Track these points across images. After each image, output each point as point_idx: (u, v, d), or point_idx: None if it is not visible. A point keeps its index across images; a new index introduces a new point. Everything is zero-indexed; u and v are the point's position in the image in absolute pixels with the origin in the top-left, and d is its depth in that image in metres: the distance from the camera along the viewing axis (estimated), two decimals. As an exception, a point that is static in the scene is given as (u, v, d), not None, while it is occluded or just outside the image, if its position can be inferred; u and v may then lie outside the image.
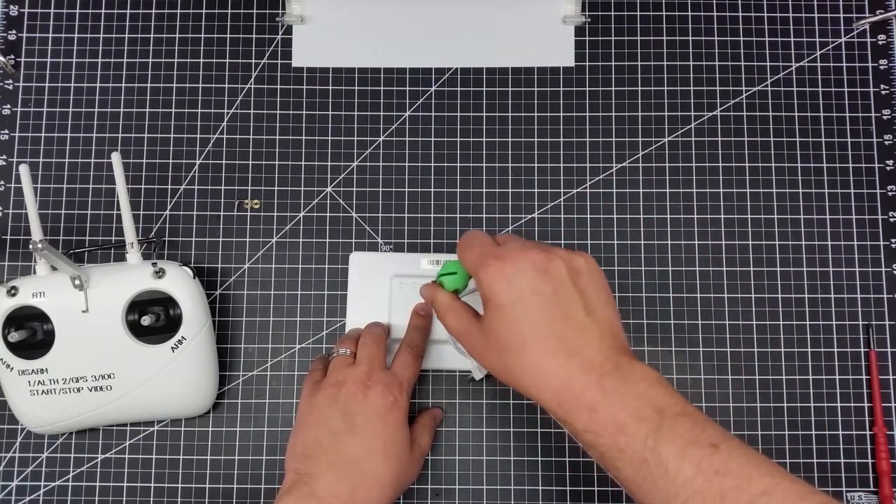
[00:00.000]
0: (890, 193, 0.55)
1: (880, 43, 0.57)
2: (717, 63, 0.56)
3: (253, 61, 0.57)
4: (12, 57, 0.56)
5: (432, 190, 0.55)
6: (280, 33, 0.57)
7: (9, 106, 0.56)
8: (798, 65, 0.56)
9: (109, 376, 0.49)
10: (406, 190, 0.55)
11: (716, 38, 0.57)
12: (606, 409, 0.36)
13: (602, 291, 0.40)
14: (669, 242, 0.54)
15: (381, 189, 0.55)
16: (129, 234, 0.50)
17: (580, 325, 0.38)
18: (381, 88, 0.56)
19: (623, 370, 0.37)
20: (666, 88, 0.56)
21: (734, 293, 0.54)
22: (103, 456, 0.52)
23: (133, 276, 0.49)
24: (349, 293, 0.53)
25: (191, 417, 0.52)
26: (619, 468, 0.36)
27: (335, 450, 0.43)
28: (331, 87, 0.56)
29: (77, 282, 0.48)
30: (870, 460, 0.52)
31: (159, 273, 0.49)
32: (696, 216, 0.55)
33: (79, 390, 0.49)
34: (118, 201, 0.49)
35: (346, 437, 0.43)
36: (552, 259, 0.39)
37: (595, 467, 0.52)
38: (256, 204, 0.55)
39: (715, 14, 0.57)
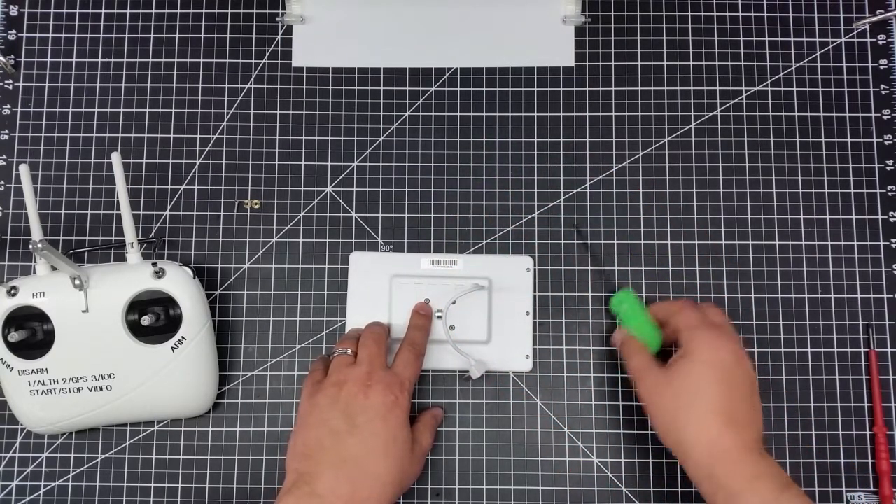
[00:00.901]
0: (890, 193, 0.55)
1: (880, 43, 0.57)
2: (717, 63, 0.56)
3: (253, 61, 0.57)
4: (12, 57, 0.56)
5: (432, 190, 0.55)
6: (280, 33, 0.57)
7: (9, 106, 0.56)
8: (798, 65, 0.56)
9: (109, 376, 0.49)
10: (406, 190, 0.55)
11: (716, 38, 0.57)
12: (748, 465, 0.42)
13: (757, 399, 0.46)
14: (669, 242, 0.54)
15: (381, 189, 0.55)
16: (129, 234, 0.50)
17: (750, 413, 0.44)
18: (381, 88, 0.56)
19: (762, 454, 0.43)
20: (666, 88, 0.56)
21: (734, 293, 0.54)
22: (103, 456, 0.52)
23: (133, 276, 0.49)
24: (349, 293, 0.53)
25: (191, 417, 0.52)
26: None
27: (336, 449, 0.43)
28: (331, 87, 0.56)
29: (77, 282, 0.48)
30: (870, 460, 0.52)
31: (159, 273, 0.49)
32: (696, 216, 0.55)
33: (79, 390, 0.49)
34: (118, 201, 0.49)
35: (347, 436, 0.43)
36: (746, 358, 0.46)
37: (595, 467, 0.52)
38: (256, 204, 0.55)
39: (715, 14, 0.57)
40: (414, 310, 0.52)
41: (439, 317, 0.52)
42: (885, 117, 0.56)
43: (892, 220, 0.54)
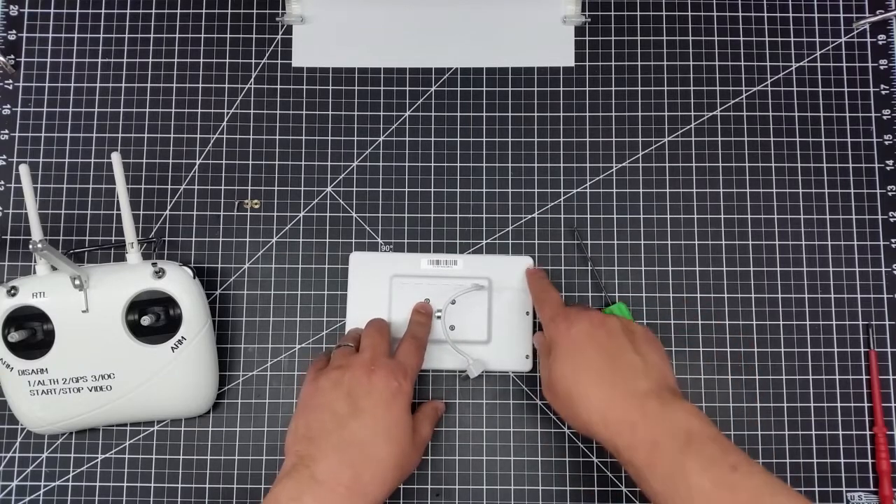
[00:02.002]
0: (890, 193, 0.55)
1: (880, 43, 0.57)
2: (717, 63, 0.56)
3: (253, 61, 0.57)
4: (12, 57, 0.56)
5: (432, 190, 0.55)
6: (280, 33, 0.57)
7: (9, 106, 0.56)
8: (798, 65, 0.56)
9: (109, 376, 0.49)
10: (406, 190, 0.55)
11: (716, 38, 0.57)
12: (645, 427, 0.40)
13: (654, 345, 0.45)
14: (669, 242, 0.54)
15: (381, 189, 0.55)
16: (129, 234, 0.50)
17: (629, 363, 0.43)
18: (381, 88, 0.56)
19: (664, 399, 0.41)
20: (666, 88, 0.56)
21: (734, 293, 0.54)
22: (103, 456, 0.52)
23: (133, 276, 0.49)
24: (349, 293, 0.53)
25: (191, 417, 0.52)
26: (650, 482, 0.40)
27: (339, 433, 0.43)
28: (331, 87, 0.56)
29: (77, 282, 0.48)
30: (870, 460, 0.52)
31: (159, 273, 0.49)
32: (696, 216, 0.55)
33: (79, 390, 0.49)
34: (118, 201, 0.49)
35: (350, 420, 0.43)
36: (609, 318, 0.46)
37: (595, 467, 0.52)
38: (256, 204, 0.55)
39: (715, 14, 0.57)
40: (415, 308, 0.52)
41: (438, 317, 0.52)
42: (885, 117, 0.56)
43: (892, 220, 0.54)
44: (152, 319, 0.48)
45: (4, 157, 0.55)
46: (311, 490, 0.41)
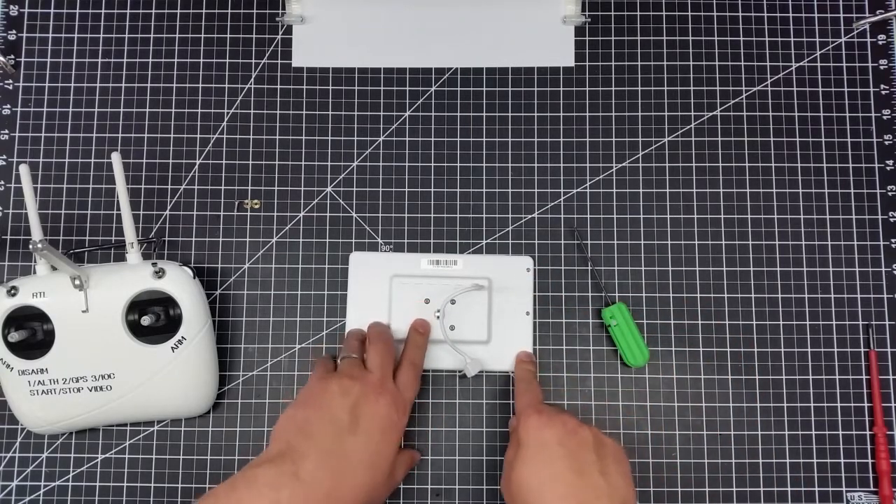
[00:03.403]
0: (890, 193, 0.55)
1: (880, 43, 0.57)
2: (717, 63, 0.56)
3: (253, 61, 0.57)
4: (12, 57, 0.56)
5: (432, 190, 0.55)
6: (280, 33, 0.57)
7: (9, 106, 0.56)
8: (798, 65, 0.56)
9: (109, 376, 0.49)
10: (406, 190, 0.55)
11: (716, 38, 0.57)
12: None
13: (621, 467, 0.43)
14: (669, 242, 0.54)
15: (381, 189, 0.55)
16: (129, 234, 0.50)
17: (593, 484, 0.42)
18: (381, 88, 0.56)
19: None
20: (666, 88, 0.56)
21: (734, 293, 0.54)
22: (103, 456, 0.52)
23: (133, 276, 0.49)
24: (349, 293, 0.53)
25: (191, 417, 0.52)
26: None
27: (333, 440, 0.43)
28: (331, 87, 0.56)
29: (77, 282, 0.48)
30: (870, 460, 0.52)
31: (159, 273, 0.49)
32: (696, 216, 0.55)
33: (79, 390, 0.49)
34: (118, 201, 0.49)
35: (348, 434, 0.43)
36: (583, 427, 0.44)
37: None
38: (256, 204, 0.55)
39: (715, 14, 0.57)
40: (413, 326, 0.52)
41: (438, 317, 0.52)
42: (885, 117, 0.56)
43: (892, 220, 0.54)
44: (152, 319, 0.48)
45: (4, 157, 0.55)
46: (292, 486, 0.40)
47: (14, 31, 0.57)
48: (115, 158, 0.49)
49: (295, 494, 0.40)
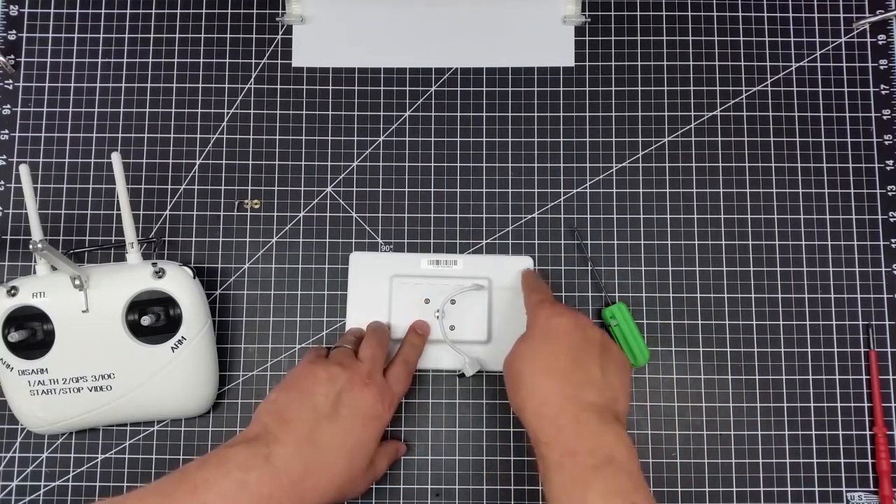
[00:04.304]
0: (890, 193, 0.55)
1: (880, 43, 0.57)
2: (717, 63, 0.56)
3: (253, 61, 0.57)
4: (12, 57, 0.56)
5: (432, 190, 0.55)
6: (280, 33, 0.57)
7: (9, 106, 0.56)
8: (798, 65, 0.56)
9: (109, 376, 0.49)
10: (406, 190, 0.55)
11: (716, 38, 0.57)
12: (571, 433, 0.40)
13: (621, 372, 0.45)
14: (669, 242, 0.54)
15: (381, 189, 0.55)
16: (129, 234, 0.50)
17: (588, 374, 0.43)
18: (381, 88, 0.56)
19: (603, 419, 0.41)
20: (666, 88, 0.56)
21: (734, 293, 0.54)
22: (103, 456, 0.52)
23: (133, 276, 0.49)
24: (349, 293, 0.53)
25: (191, 417, 0.52)
26: (551, 485, 0.40)
27: (310, 427, 0.43)
28: (331, 87, 0.56)
29: (77, 282, 0.48)
30: (870, 460, 0.52)
31: (159, 273, 0.49)
32: (696, 216, 0.55)
33: (79, 390, 0.49)
34: (118, 201, 0.49)
35: (326, 421, 0.43)
36: (593, 328, 0.45)
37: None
38: (256, 204, 0.55)
39: (715, 14, 0.57)
40: (412, 327, 0.52)
41: (437, 316, 0.52)
42: (885, 117, 0.55)
43: (892, 220, 0.54)
44: (152, 319, 0.48)
45: (4, 157, 0.55)
46: (260, 469, 0.40)
47: (14, 31, 0.57)
48: (115, 158, 0.49)
49: (263, 477, 0.40)
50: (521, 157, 0.55)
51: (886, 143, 0.55)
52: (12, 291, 0.48)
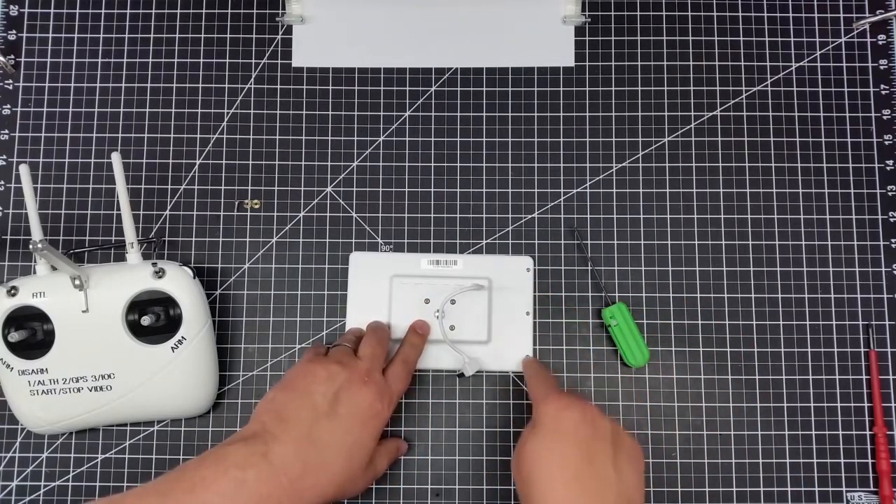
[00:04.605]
0: (890, 193, 0.55)
1: (880, 43, 0.57)
2: (717, 63, 0.56)
3: (253, 61, 0.57)
4: (12, 57, 0.56)
5: (432, 190, 0.55)
6: (280, 33, 0.57)
7: (9, 106, 0.56)
8: (798, 65, 0.56)
9: (109, 376, 0.49)
10: (406, 190, 0.55)
11: (716, 38, 0.57)
12: None
13: (634, 465, 0.43)
14: (669, 242, 0.54)
15: (381, 189, 0.55)
16: (129, 234, 0.50)
17: (602, 478, 0.41)
18: (381, 88, 0.56)
19: None
20: (666, 88, 0.56)
21: (734, 293, 0.54)
22: (103, 456, 0.52)
23: (133, 276, 0.49)
24: (349, 293, 0.53)
25: (191, 417, 0.52)
26: None
27: (309, 426, 0.42)
28: (331, 87, 0.56)
29: (77, 282, 0.48)
30: (870, 460, 0.52)
31: (159, 273, 0.49)
32: (696, 216, 0.55)
33: (79, 390, 0.49)
34: (118, 201, 0.49)
35: (325, 420, 0.43)
36: (603, 418, 0.43)
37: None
38: (256, 204, 0.55)
39: (715, 14, 0.57)
40: (412, 327, 0.52)
41: (437, 316, 0.52)
42: (885, 117, 0.56)
43: (892, 220, 0.54)
44: (152, 319, 0.48)
45: (4, 157, 0.55)
46: (258, 468, 0.40)
47: (14, 31, 0.57)
48: (115, 158, 0.49)
49: (261, 476, 0.40)
50: (521, 157, 0.55)
51: (886, 143, 0.55)
52: (12, 291, 0.48)
